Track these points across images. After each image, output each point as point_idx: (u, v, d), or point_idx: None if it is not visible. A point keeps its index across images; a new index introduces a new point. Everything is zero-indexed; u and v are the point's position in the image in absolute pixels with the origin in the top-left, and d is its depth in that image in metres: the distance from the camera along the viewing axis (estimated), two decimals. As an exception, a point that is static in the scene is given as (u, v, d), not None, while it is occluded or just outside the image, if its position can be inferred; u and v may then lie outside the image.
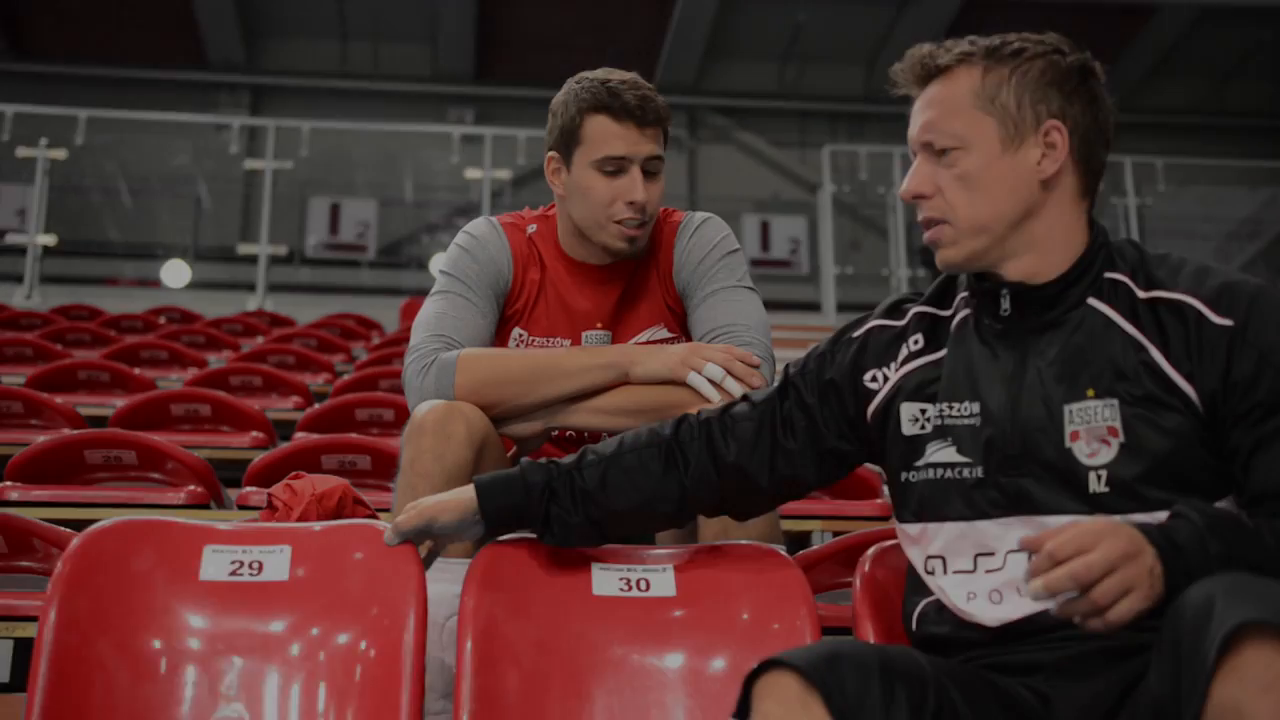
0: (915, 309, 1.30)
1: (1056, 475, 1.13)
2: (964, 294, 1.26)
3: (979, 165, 1.18)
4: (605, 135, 1.68)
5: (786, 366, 1.39)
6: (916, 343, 1.27)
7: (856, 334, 1.33)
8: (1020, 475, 1.15)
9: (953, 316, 1.27)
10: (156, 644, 1.27)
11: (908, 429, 1.23)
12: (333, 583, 1.32)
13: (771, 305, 1.93)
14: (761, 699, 0.99)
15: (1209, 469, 1.11)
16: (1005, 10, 9.71)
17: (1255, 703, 0.84)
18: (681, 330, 1.82)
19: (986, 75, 1.19)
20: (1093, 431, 1.12)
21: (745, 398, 1.38)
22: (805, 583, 1.37)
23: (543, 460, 1.35)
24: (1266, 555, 0.99)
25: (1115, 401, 1.12)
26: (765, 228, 10.38)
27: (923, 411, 1.22)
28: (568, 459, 1.36)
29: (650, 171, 1.71)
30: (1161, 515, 1.05)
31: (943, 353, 1.25)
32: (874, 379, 1.28)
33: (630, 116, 1.68)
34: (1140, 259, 1.21)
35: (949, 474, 1.19)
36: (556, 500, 1.31)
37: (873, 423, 1.28)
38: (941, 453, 1.20)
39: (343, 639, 1.29)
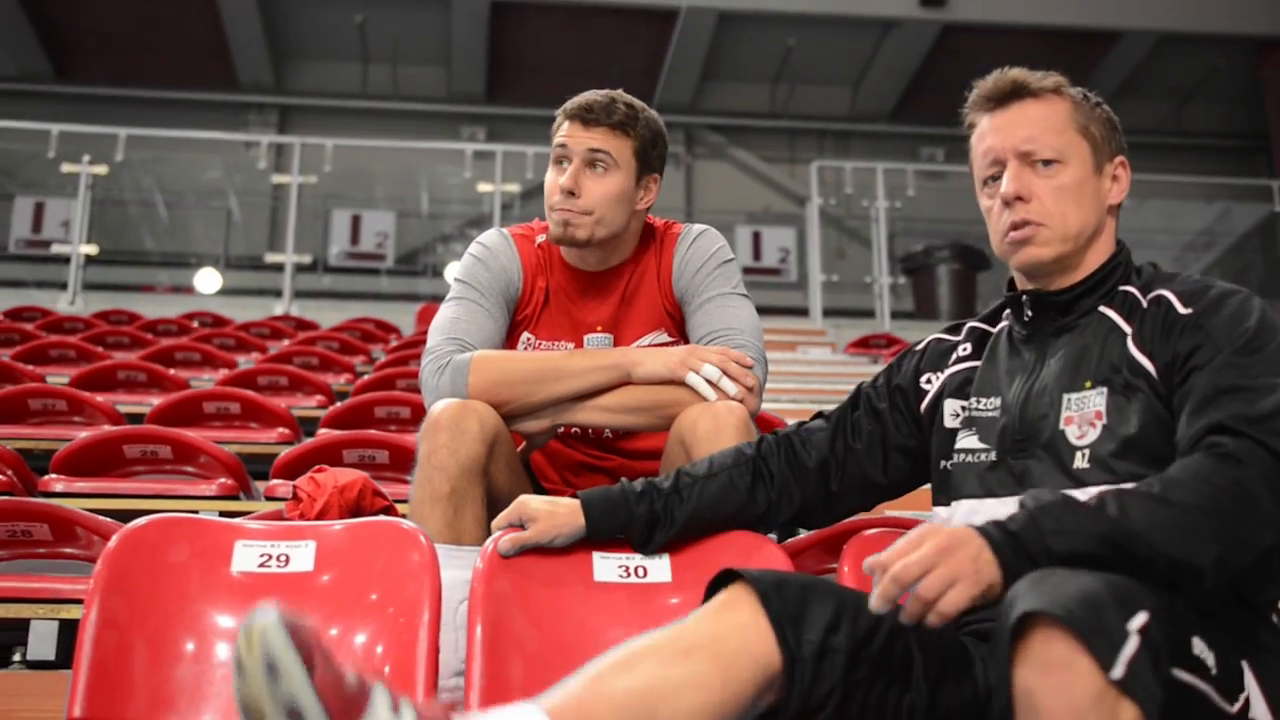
0: (970, 324, 1.39)
1: (1051, 455, 1.19)
2: (1007, 310, 1.35)
3: (1077, 180, 1.25)
4: (557, 133, 1.73)
5: (860, 384, 1.45)
6: (965, 350, 1.36)
7: (919, 346, 1.42)
8: (1026, 457, 1.21)
9: (996, 329, 1.35)
10: (190, 632, 1.27)
11: (949, 422, 1.31)
12: (354, 574, 1.32)
13: (763, 310, 1.93)
14: (714, 600, 1.06)
15: (1168, 449, 1.13)
16: (980, 36, 9.75)
17: (1039, 683, 0.86)
18: (680, 334, 1.82)
19: (1077, 107, 1.28)
20: (1083, 417, 1.18)
21: (819, 414, 1.44)
22: (792, 568, 1.36)
23: (641, 483, 1.37)
24: (1109, 526, 0.98)
25: (1105, 389, 1.18)
26: (757, 238, 10.36)
27: (962, 408, 1.30)
28: (664, 481, 1.38)
29: (596, 166, 1.71)
30: (1127, 487, 1.09)
31: (982, 358, 1.33)
32: (928, 380, 1.36)
33: (577, 116, 1.72)
34: (1154, 275, 1.27)
35: (969, 459, 1.27)
36: (659, 524, 1.35)
37: (924, 418, 1.36)
38: (967, 440, 1.28)
39: (364, 627, 1.29)
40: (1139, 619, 0.87)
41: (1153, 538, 0.98)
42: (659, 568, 1.38)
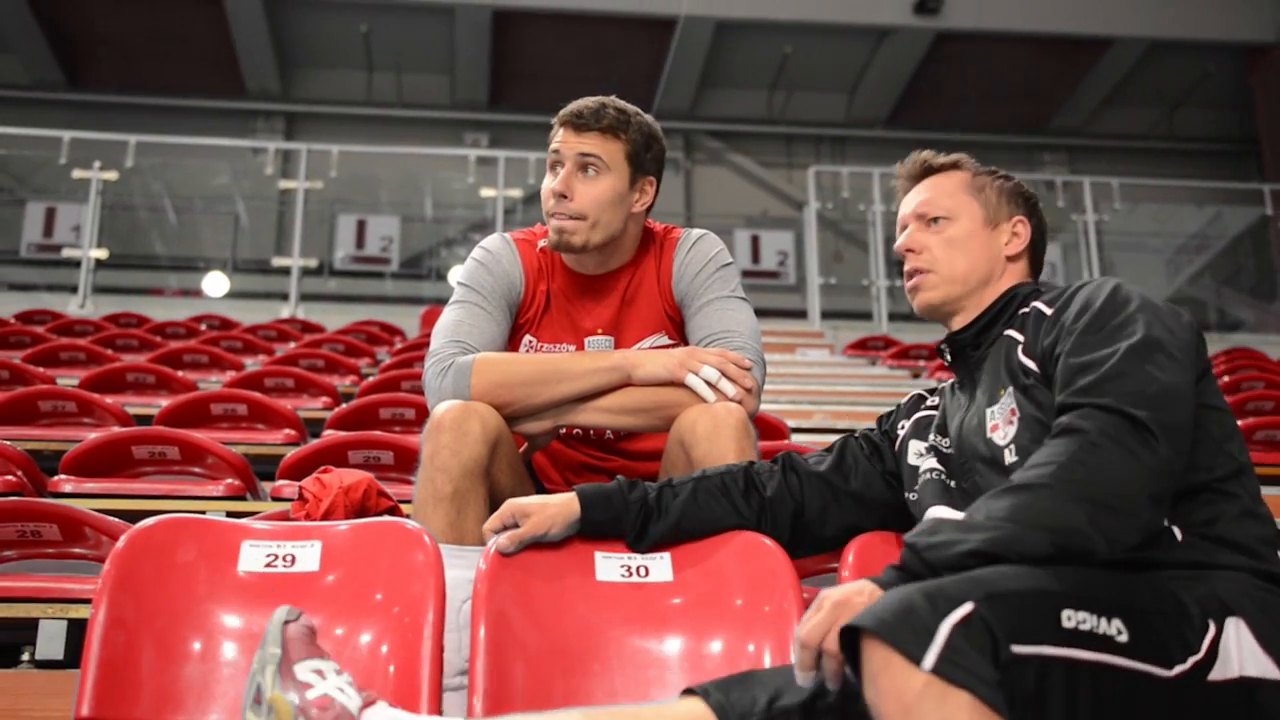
0: (942, 383, 1.52)
1: (988, 462, 1.30)
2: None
3: (965, 232, 1.41)
4: (552, 140, 1.73)
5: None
6: (934, 402, 1.50)
7: (903, 402, 1.55)
8: (972, 474, 1.31)
9: (949, 383, 1.49)
10: (197, 631, 1.26)
11: (912, 459, 1.44)
12: (359, 574, 1.31)
13: (762, 313, 1.93)
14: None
15: None
16: (974, 43, 9.75)
17: (873, 693, 0.92)
18: (680, 337, 1.82)
19: (975, 176, 1.46)
20: (1004, 417, 1.28)
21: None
22: (792, 569, 1.36)
23: (635, 480, 1.41)
24: (980, 529, 1.03)
25: (1012, 388, 1.29)
26: (755, 242, 10.36)
27: (925, 447, 1.43)
28: (654, 486, 1.41)
29: (588, 170, 1.70)
30: None
31: (939, 406, 1.47)
32: (901, 426, 1.50)
33: (569, 123, 1.71)
34: (1050, 294, 1.35)
35: (932, 477, 1.37)
36: (650, 517, 1.38)
37: (899, 455, 1.48)
38: (929, 463, 1.39)
39: (369, 627, 1.28)
40: (959, 612, 0.91)
41: (1020, 524, 1.02)
42: (660, 567, 1.37)
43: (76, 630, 1.75)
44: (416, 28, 9.99)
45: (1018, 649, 0.92)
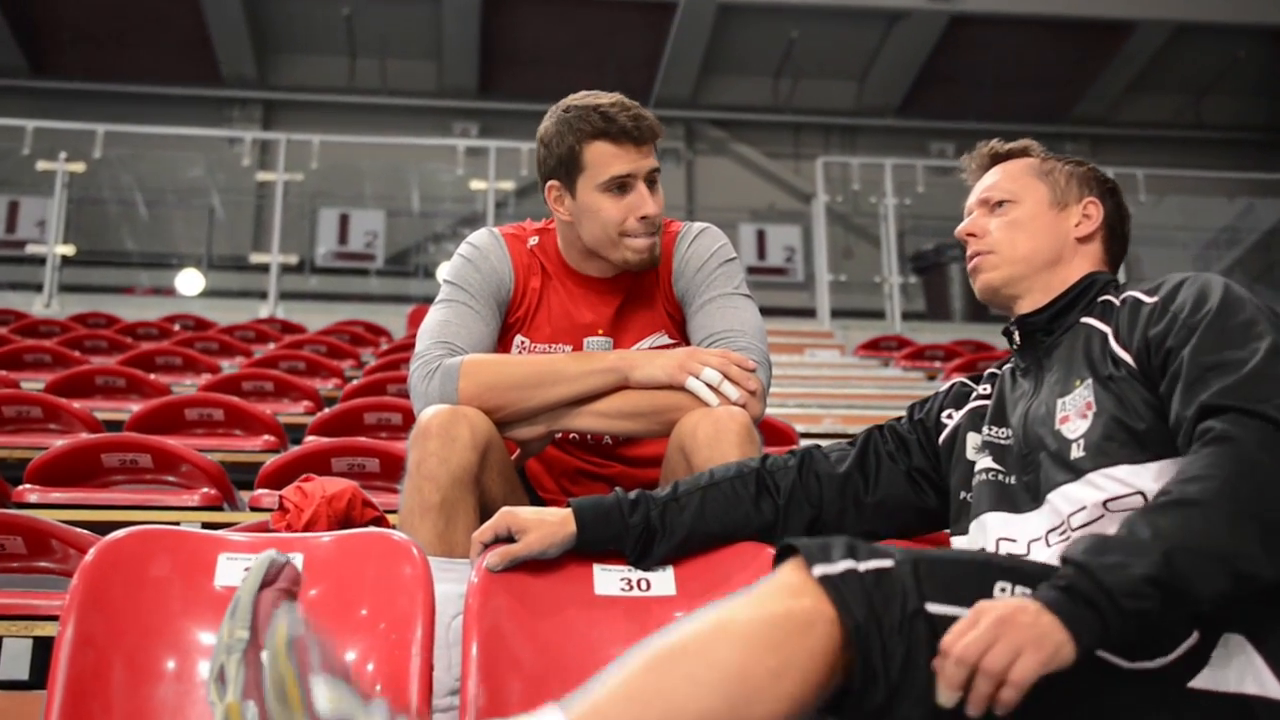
0: (989, 370, 1.51)
1: (1053, 456, 1.27)
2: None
3: (1029, 214, 1.42)
4: (607, 159, 1.68)
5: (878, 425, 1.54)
6: (984, 389, 1.48)
7: (943, 388, 1.53)
8: (1036, 468, 1.29)
9: (1004, 369, 1.47)
10: (171, 650, 1.26)
11: (969, 454, 1.42)
12: (343, 588, 1.31)
13: (767, 312, 1.93)
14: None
15: (1154, 424, 1.20)
16: (990, 27, 9.76)
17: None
18: (681, 336, 1.82)
19: (1043, 161, 1.48)
20: (1077, 411, 1.27)
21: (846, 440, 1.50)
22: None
23: (636, 494, 1.38)
24: (1150, 543, 1.01)
25: (1090, 381, 1.28)
26: (761, 236, 10.37)
27: (980, 440, 1.41)
28: (661, 491, 1.38)
29: (651, 182, 1.72)
30: (1122, 469, 1.19)
31: (992, 395, 1.45)
32: (949, 415, 1.48)
33: (628, 137, 1.68)
34: (1130, 285, 1.35)
35: (989, 478, 1.35)
36: (653, 535, 1.36)
37: (944, 450, 1.46)
38: (984, 464, 1.38)
39: (354, 644, 1.28)
40: (877, 561, 1.00)
41: (1193, 551, 1.00)
42: (663, 581, 1.37)
43: (42, 649, 1.74)
44: (402, 11, 10.00)
45: (933, 607, 0.96)
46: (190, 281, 9.17)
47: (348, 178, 9.79)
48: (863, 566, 1.00)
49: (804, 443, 3.28)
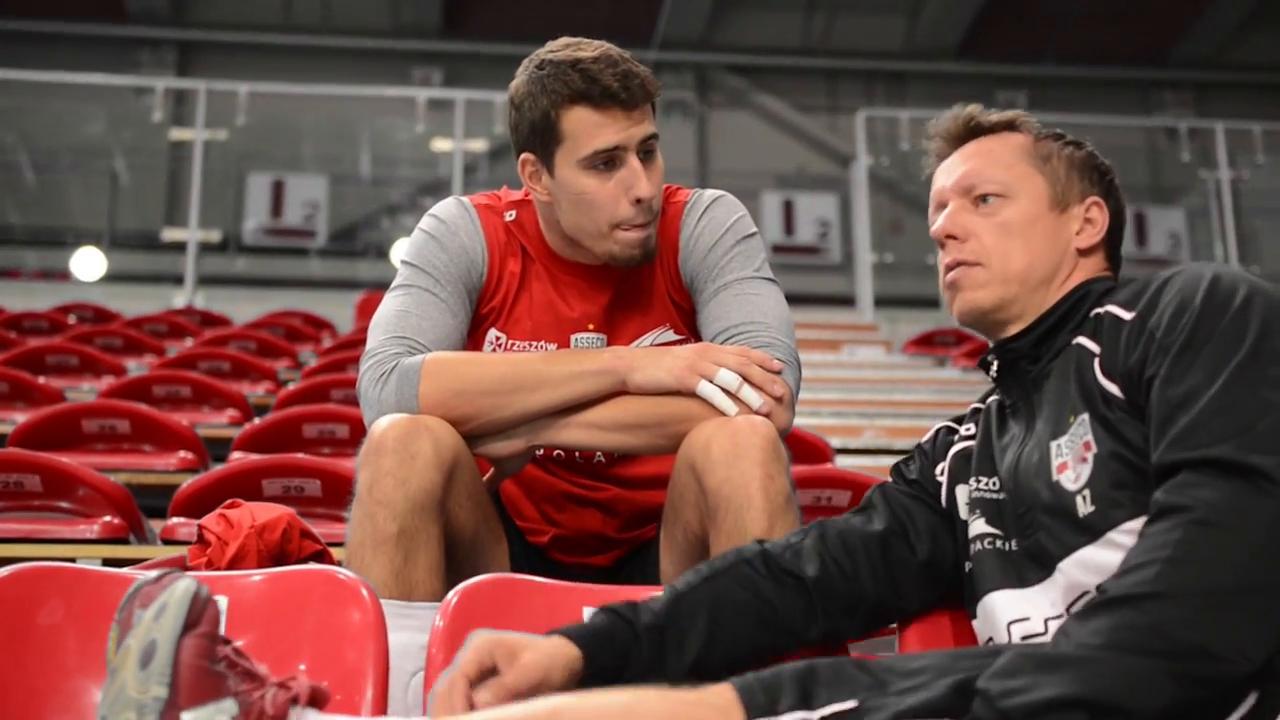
0: (973, 405, 1.49)
1: (1055, 515, 1.24)
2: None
3: (1025, 216, 1.38)
4: (588, 128, 1.66)
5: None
6: (968, 429, 1.46)
7: (925, 439, 1.51)
8: (1034, 530, 1.26)
9: (987, 403, 1.45)
10: (63, 713, 1.26)
11: (963, 513, 1.39)
12: (277, 639, 1.32)
13: (796, 300, 1.94)
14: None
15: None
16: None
17: None
18: (690, 331, 1.82)
19: (1038, 141, 1.42)
20: (1075, 455, 1.23)
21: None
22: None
23: (634, 606, 1.28)
24: (1075, 663, 1.00)
25: (1086, 416, 1.24)
26: (788, 208, 10.38)
27: (969, 494, 1.39)
28: (656, 602, 1.29)
29: (647, 153, 1.70)
30: (1142, 521, 1.13)
31: (976, 435, 1.43)
32: (941, 471, 1.45)
33: (615, 101, 1.65)
34: (1126, 290, 1.32)
35: (986, 545, 1.33)
36: (666, 666, 1.27)
37: (948, 509, 1.43)
38: (978, 525, 1.35)
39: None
40: (836, 706, 1.01)
41: (1125, 651, 0.99)
42: (665, 628, 1.37)
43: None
44: (348, -69, 10.02)
45: None
46: (88, 263, 9.19)
47: (282, 136, 9.80)
48: (817, 715, 0.99)
49: (840, 460, 3.28)
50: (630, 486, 1.83)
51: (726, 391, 1.60)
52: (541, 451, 1.78)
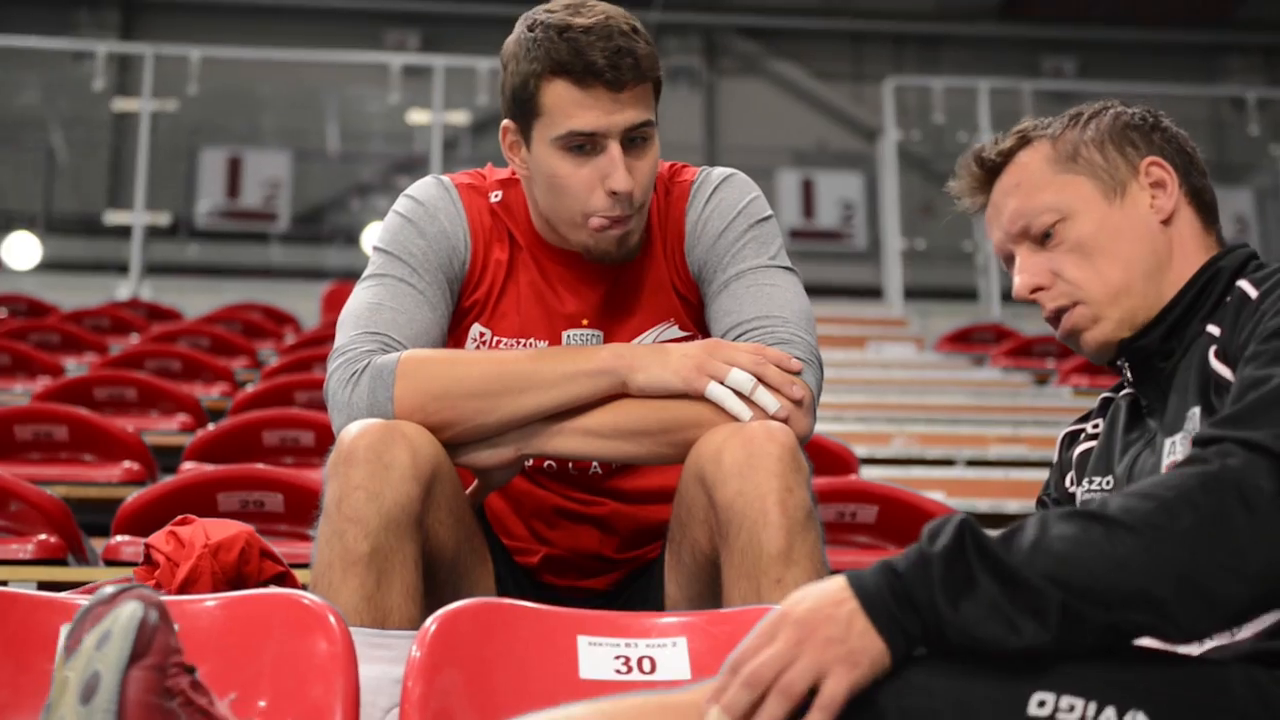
0: (1105, 395, 1.53)
1: None
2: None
3: (1091, 227, 1.40)
4: (566, 106, 1.65)
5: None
6: (1095, 427, 1.50)
7: (1056, 451, 1.56)
8: None
9: (1119, 395, 1.49)
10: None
11: None
12: (234, 671, 1.32)
13: (816, 291, 1.94)
14: None
15: None
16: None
17: None
18: (697, 326, 1.83)
19: (1056, 143, 1.45)
20: (1185, 450, 1.25)
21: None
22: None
23: None
24: (1018, 557, 1.00)
25: (1197, 409, 1.28)
26: (808, 188, 10.40)
27: (1080, 495, 1.45)
28: None
29: (637, 141, 1.69)
30: None
31: (1100, 433, 1.48)
32: (1072, 482, 1.51)
33: (598, 79, 1.64)
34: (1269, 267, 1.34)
35: None
36: None
37: None
38: None
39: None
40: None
41: (1071, 574, 1.00)
42: (673, 659, 1.38)
43: None
44: (313, -124, 10.03)
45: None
46: (21, 250, 9.19)
47: (240, 107, 9.81)
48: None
49: (866, 471, 3.29)
50: (631, 501, 1.84)
51: (739, 394, 1.60)
52: (531, 462, 1.78)
